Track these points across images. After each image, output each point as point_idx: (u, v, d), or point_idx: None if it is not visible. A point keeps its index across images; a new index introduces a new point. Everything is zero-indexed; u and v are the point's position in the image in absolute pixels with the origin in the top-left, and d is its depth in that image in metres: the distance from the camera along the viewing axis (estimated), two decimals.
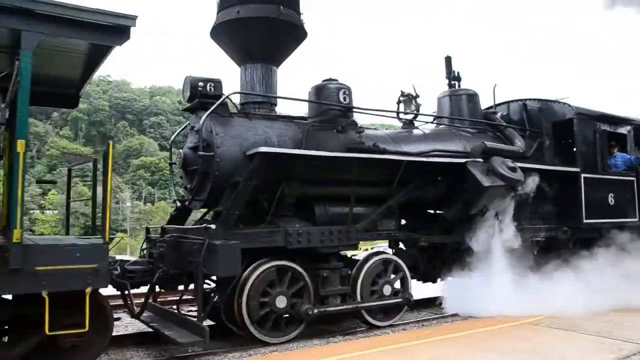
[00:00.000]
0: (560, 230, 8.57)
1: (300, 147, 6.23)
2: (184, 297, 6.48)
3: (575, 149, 8.70)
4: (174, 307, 6.35)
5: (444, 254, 7.62)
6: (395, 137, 7.39)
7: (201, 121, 5.70)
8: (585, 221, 8.47)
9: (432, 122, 8.72)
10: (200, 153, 5.68)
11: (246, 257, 5.51)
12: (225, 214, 5.47)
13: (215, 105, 5.75)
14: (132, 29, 4.30)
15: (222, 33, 6.59)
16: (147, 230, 6.71)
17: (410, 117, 8.18)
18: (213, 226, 5.29)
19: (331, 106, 6.83)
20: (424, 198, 7.33)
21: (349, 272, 6.40)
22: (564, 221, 8.62)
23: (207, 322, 5.63)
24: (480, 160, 7.25)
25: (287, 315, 5.82)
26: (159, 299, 6.83)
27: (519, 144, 8.19)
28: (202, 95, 5.99)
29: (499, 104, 9.54)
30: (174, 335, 5.17)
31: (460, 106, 8.61)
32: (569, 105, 8.76)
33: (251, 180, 5.53)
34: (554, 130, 8.86)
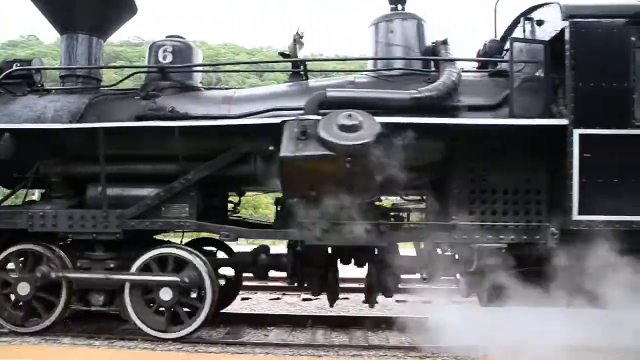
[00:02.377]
0: (545, 232, 4.89)
1: (75, 120, 5.56)
2: None
3: (567, 84, 4.73)
4: None
5: None
6: (236, 98, 5.68)
7: None
8: (577, 217, 4.59)
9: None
10: None
11: None
12: None
13: None
14: None
15: None
16: None
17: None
18: None
19: (136, 69, 5.84)
20: (233, 177, 5.43)
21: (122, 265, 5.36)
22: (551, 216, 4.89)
23: None
24: (314, 118, 4.83)
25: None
26: None
27: (438, 87, 5.01)
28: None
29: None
30: None
31: (390, 39, 5.84)
32: (558, 5, 4.80)
33: None
34: (546, 57, 5.05)
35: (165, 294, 5.22)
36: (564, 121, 4.64)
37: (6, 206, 5.74)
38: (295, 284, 5.92)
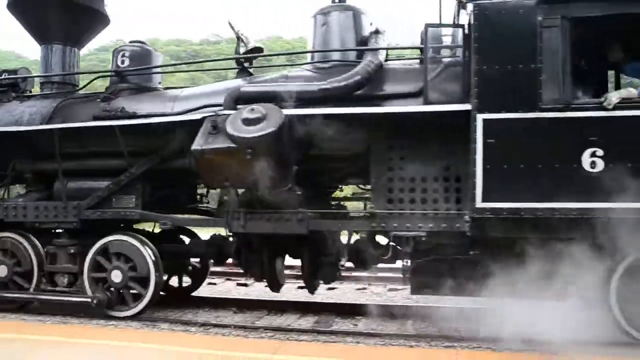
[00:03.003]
0: (458, 220, 4.79)
1: (44, 122, 6.23)
2: None
3: (471, 68, 4.56)
4: None
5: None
6: (181, 97, 6.05)
7: None
8: (480, 205, 4.46)
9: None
10: None
11: None
12: None
13: None
14: None
15: (19, 9, 6.74)
16: None
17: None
18: None
19: (96, 74, 6.42)
20: (175, 171, 5.79)
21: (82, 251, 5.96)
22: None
23: None
24: (228, 113, 5.07)
25: None
26: None
27: (348, 77, 5.05)
28: None
29: None
30: None
31: (329, 32, 5.92)
32: None
33: None
34: (463, 41, 4.90)
35: (116, 277, 5.75)
36: (466, 106, 4.51)
37: None
38: (242, 270, 6.23)
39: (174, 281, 7.16)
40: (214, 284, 8.56)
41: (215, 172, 5.04)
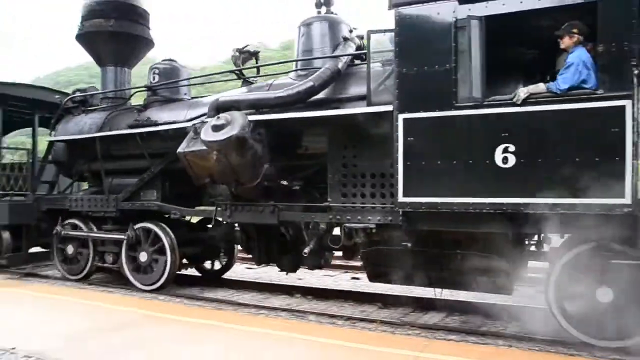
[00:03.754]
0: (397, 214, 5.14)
1: (97, 131, 7.77)
2: None
3: (393, 71, 4.82)
4: None
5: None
6: (196, 104, 7.13)
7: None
8: (402, 200, 4.77)
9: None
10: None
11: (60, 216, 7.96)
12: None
13: (57, 114, 8.41)
14: None
15: (86, 39, 8.42)
16: None
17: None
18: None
19: (133, 89, 7.80)
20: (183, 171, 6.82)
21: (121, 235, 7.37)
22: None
23: None
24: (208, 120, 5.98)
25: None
26: None
27: (300, 85, 5.63)
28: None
29: None
30: None
31: (310, 41, 6.52)
32: None
33: (50, 161, 7.92)
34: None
35: (143, 257, 7.05)
36: (388, 107, 4.82)
37: (60, 193, 8.35)
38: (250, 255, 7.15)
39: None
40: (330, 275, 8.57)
41: (196, 171, 5.99)
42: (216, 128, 5.60)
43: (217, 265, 8.26)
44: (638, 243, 3.98)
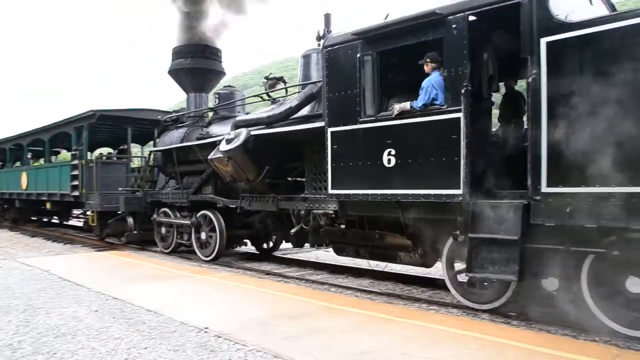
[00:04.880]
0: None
1: (179, 142, 10.55)
2: None
3: (322, 95, 6.41)
4: None
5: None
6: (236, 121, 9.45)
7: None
8: (330, 191, 6.38)
9: None
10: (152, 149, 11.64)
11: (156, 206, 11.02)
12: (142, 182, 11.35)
13: (159, 130, 11.50)
14: None
15: (176, 73, 11.26)
16: None
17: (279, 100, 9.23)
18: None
19: (204, 110, 10.45)
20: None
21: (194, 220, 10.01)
22: None
23: None
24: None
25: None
26: None
27: (282, 107, 7.52)
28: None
29: None
30: None
31: (308, 69, 8.33)
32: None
33: (153, 165, 11.03)
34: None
35: (203, 235, 9.61)
36: (321, 123, 6.43)
37: (156, 189, 11.38)
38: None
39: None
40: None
41: (222, 172, 8.24)
42: (228, 141, 7.78)
43: (271, 245, 10.50)
44: (470, 226, 5.01)
